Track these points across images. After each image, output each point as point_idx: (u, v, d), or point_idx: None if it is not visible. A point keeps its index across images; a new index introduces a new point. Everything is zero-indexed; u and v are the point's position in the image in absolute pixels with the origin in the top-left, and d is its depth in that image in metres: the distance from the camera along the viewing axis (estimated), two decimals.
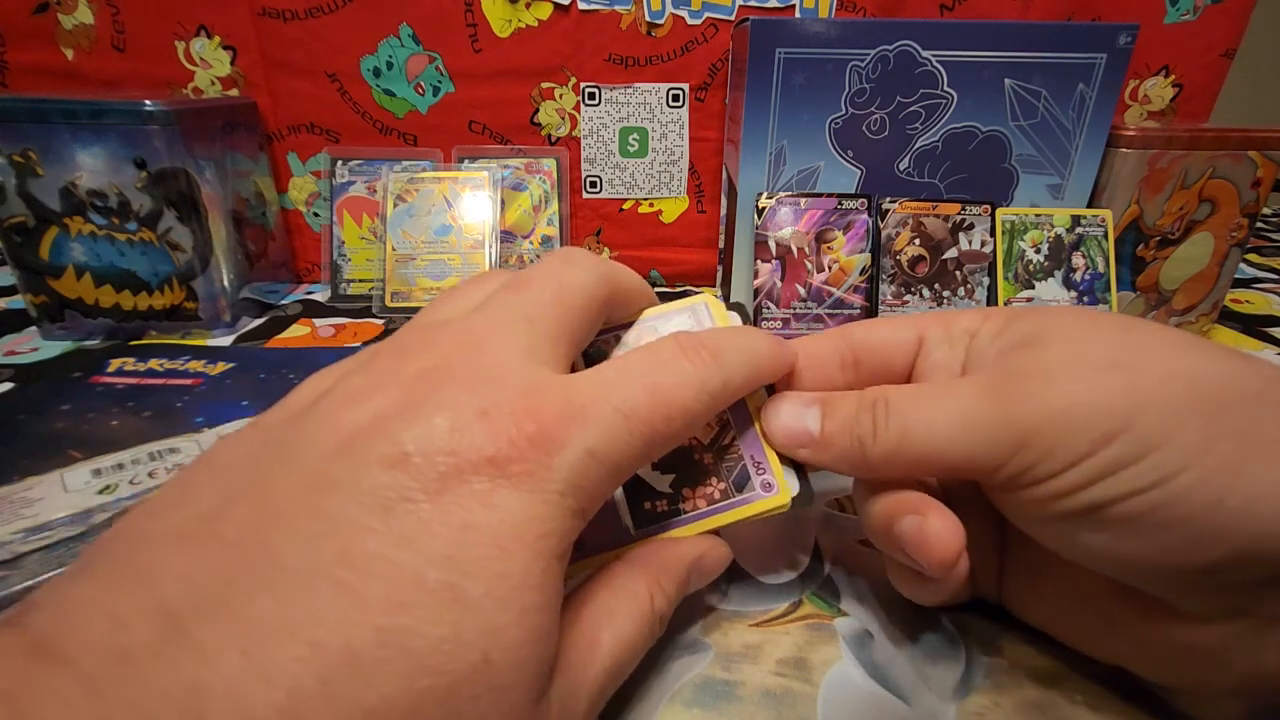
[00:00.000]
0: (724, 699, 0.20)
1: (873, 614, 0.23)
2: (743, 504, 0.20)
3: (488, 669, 0.13)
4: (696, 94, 0.53)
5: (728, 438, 0.21)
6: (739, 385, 0.19)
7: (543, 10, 0.50)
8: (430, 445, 0.14)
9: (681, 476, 0.21)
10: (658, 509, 0.20)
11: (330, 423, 0.15)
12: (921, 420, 0.18)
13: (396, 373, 0.16)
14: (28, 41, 0.50)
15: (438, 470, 0.14)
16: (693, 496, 0.20)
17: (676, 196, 0.57)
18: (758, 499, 0.20)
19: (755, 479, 0.20)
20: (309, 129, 0.54)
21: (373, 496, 0.13)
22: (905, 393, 0.19)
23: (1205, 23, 0.50)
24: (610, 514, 0.20)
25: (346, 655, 0.12)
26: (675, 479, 0.21)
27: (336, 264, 0.54)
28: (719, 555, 0.20)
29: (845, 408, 0.20)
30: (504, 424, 0.14)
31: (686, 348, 0.18)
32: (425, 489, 0.13)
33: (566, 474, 0.15)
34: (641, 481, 0.21)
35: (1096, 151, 0.44)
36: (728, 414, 0.21)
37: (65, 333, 0.46)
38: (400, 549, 0.13)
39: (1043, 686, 0.21)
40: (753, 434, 0.21)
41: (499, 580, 0.13)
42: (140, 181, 0.42)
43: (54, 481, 0.29)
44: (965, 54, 0.41)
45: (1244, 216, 0.44)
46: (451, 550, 0.13)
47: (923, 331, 0.22)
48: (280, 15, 0.50)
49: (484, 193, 0.52)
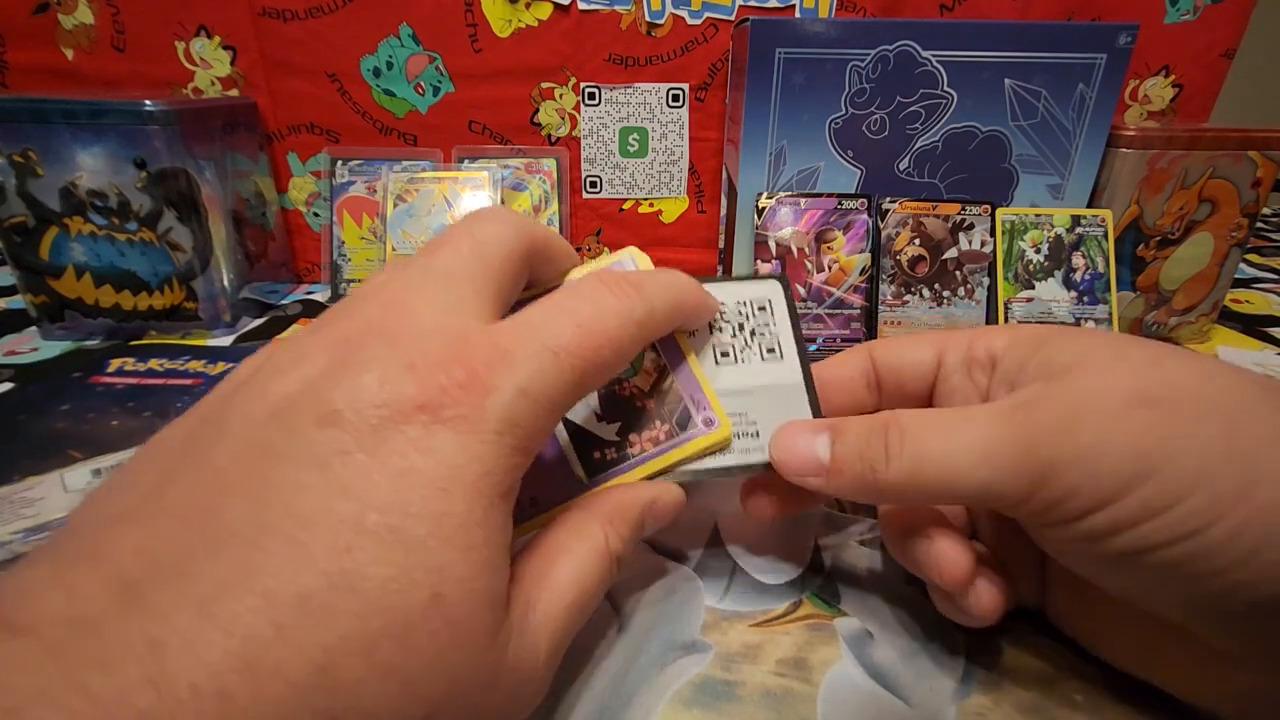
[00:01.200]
0: (724, 699, 0.20)
1: (873, 614, 0.23)
2: (687, 441, 0.21)
3: (439, 604, 0.13)
4: (696, 94, 0.53)
5: (666, 382, 0.22)
6: (663, 315, 0.19)
7: (543, 10, 0.50)
8: (360, 400, 0.14)
9: (626, 424, 0.21)
10: (607, 457, 0.21)
11: (260, 394, 0.15)
12: (937, 448, 0.18)
13: (320, 340, 0.16)
14: (28, 41, 0.50)
15: (370, 423, 0.14)
16: (639, 441, 0.21)
17: (676, 196, 0.57)
18: (700, 434, 0.21)
19: (696, 416, 0.21)
20: (309, 129, 0.54)
21: (309, 455, 0.13)
22: (921, 418, 0.19)
23: (1205, 23, 0.50)
24: (560, 467, 0.21)
25: (298, 600, 0.12)
26: (620, 426, 0.21)
27: (336, 264, 0.54)
28: (672, 498, 0.21)
29: (856, 432, 0.19)
30: (432, 372, 0.14)
31: (607, 281, 0.18)
32: (360, 443, 0.14)
33: (502, 413, 0.15)
34: (588, 433, 0.21)
35: (1096, 151, 0.44)
36: (664, 359, 0.22)
37: (65, 333, 0.46)
38: (341, 499, 0.13)
39: (1043, 686, 0.21)
40: (689, 374, 0.22)
41: (441, 519, 0.14)
42: (140, 181, 0.42)
43: (54, 481, 0.29)
44: (965, 54, 0.41)
45: (1244, 216, 0.44)
46: (391, 495, 0.13)
47: (942, 353, 0.22)
48: (280, 15, 0.50)
49: (484, 193, 0.52)
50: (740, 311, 0.23)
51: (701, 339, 0.23)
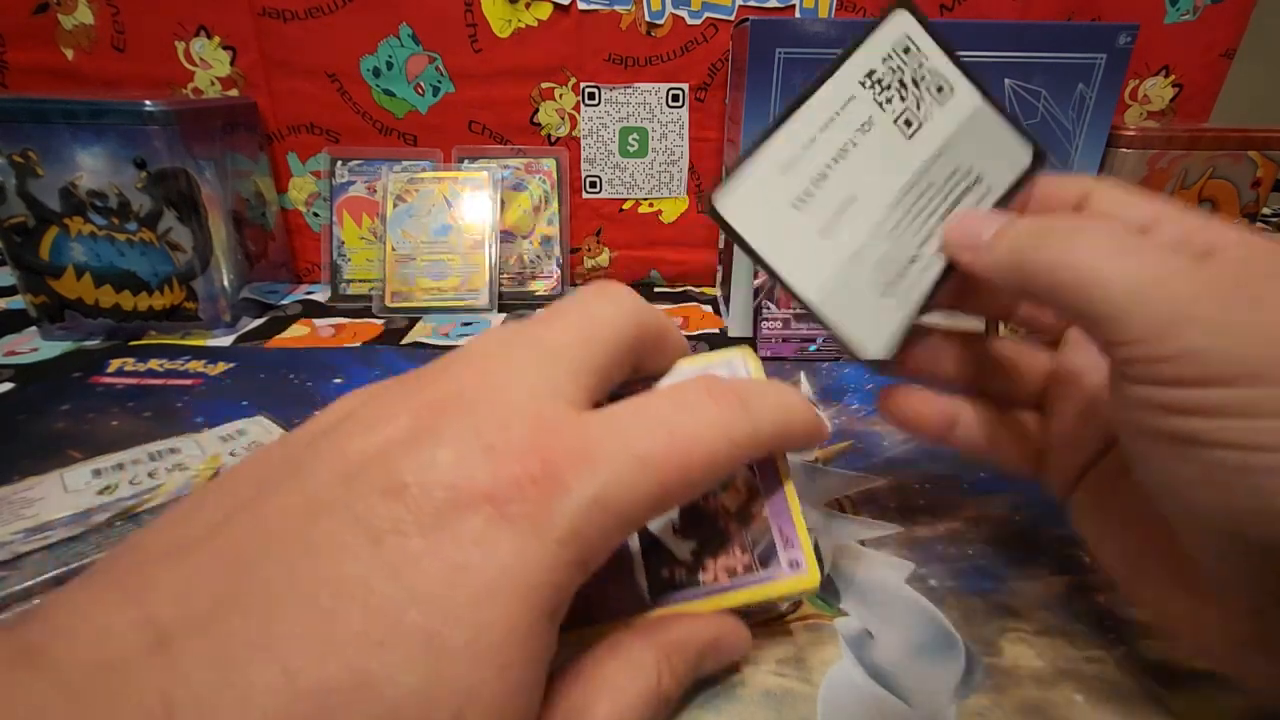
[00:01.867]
0: (724, 699, 0.20)
1: (873, 614, 0.23)
2: (766, 581, 0.19)
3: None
4: (696, 94, 0.53)
5: (756, 505, 0.19)
6: (768, 438, 0.17)
7: (543, 10, 0.50)
8: (429, 477, 0.13)
9: (703, 545, 0.19)
10: (675, 577, 0.19)
11: (340, 449, 0.14)
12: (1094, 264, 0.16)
13: (408, 401, 0.15)
14: (28, 41, 0.50)
15: (434, 503, 0.13)
16: (714, 567, 0.19)
17: (676, 196, 0.57)
18: (783, 577, 0.19)
19: (782, 555, 0.19)
20: (309, 129, 0.54)
21: (365, 525, 0.13)
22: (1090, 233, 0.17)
23: (1205, 23, 0.50)
24: (624, 578, 0.19)
25: (318, 689, 0.11)
26: (696, 546, 0.19)
27: (336, 264, 0.54)
28: (739, 639, 0.19)
29: (1026, 223, 0.18)
30: (508, 460, 0.14)
31: (714, 390, 0.17)
32: (419, 522, 0.13)
33: (569, 521, 0.14)
34: (661, 546, 0.19)
35: (1096, 152, 0.44)
36: (758, 481, 0.20)
37: (65, 333, 0.46)
38: (386, 581, 0.12)
39: (1043, 686, 0.21)
40: (783, 505, 0.19)
41: (483, 630, 0.13)
42: (140, 181, 0.42)
43: (54, 481, 0.29)
44: (965, 54, 0.41)
45: (1244, 216, 0.44)
46: (438, 590, 0.13)
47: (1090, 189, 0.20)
48: (280, 15, 0.50)
49: (484, 193, 0.52)
50: (891, 69, 0.21)
51: None
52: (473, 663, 0.12)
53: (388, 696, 0.12)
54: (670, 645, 0.17)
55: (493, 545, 0.13)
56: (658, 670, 0.17)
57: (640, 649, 0.17)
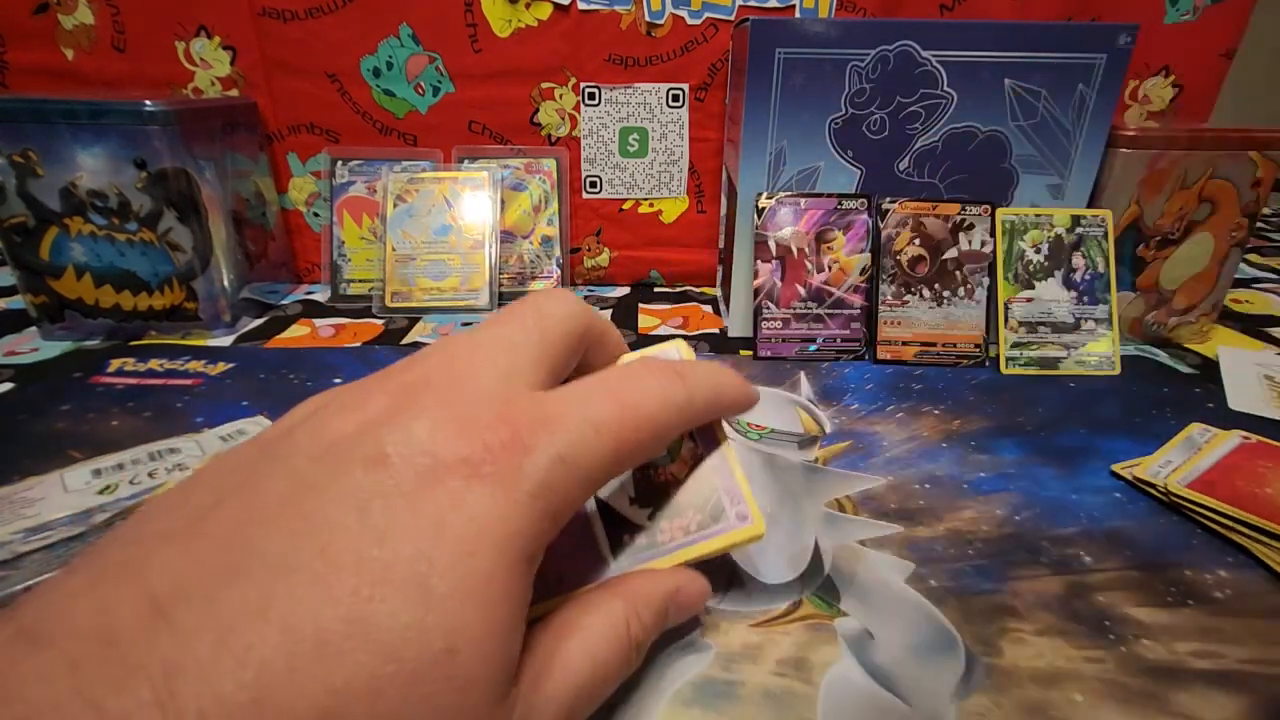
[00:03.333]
0: (724, 699, 0.20)
1: (873, 614, 0.23)
2: (718, 534, 0.20)
3: (450, 659, 0.13)
4: (696, 94, 0.53)
5: (702, 472, 0.22)
6: (703, 403, 0.20)
7: (543, 10, 0.50)
8: (409, 447, 0.15)
9: (658, 510, 0.21)
10: (636, 542, 0.21)
11: (318, 432, 0.16)
12: None
13: (384, 385, 0.17)
14: (28, 41, 0.50)
15: (415, 470, 0.14)
16: (670, 528, 0.21)
17: (676, 197, 0.57)
18: (732, 529, 0.20)
19: (730, 510, 0.21)
20: (309, 129, 0.54)
21: (351, 496, 0.14)
22: None
23: (1205, 23, 0.50)
24: (588, 547, 0.21)
25: (315, 639, 0.12)
26: (652, 512, 0.21)
27: (336, 264, 0.54)
28: (698, 588, 0.20)
29: None
30: (479, 430, 0.15)
31: (652, 366, 0.19)
32: (401, 488, 0.14)
33: (538, 475, 0.15)
34: (620, 515, 0.21)
35: (1096, 151, 0.44)
36: (701, 450, 0.22)
37: (65, 333, 0.46)
38: (373, 546, 0.13)
39: (1043, 686, 0.21)
40: (726, 467, 0.21)
41: (465, 577, 0.14)
42: (140, 182, 0.42)
43: (54, 481, 0.29)
44: (965, 54, 0.41)
45: (1244, 216, 0.44)
46: (424, 546, 0.14)
47: None
48: (280, 15, 0.50)
49: (484, 193, 0.52)
50: None
51: None
52: (460, 603, 0.14)
53: (384, 634, 0.13)
54: (636, 595, 0.19)
55: (471, 502, 0.14)
56: (626, 617, 0.18)
57: (609, 598, 0.19)
